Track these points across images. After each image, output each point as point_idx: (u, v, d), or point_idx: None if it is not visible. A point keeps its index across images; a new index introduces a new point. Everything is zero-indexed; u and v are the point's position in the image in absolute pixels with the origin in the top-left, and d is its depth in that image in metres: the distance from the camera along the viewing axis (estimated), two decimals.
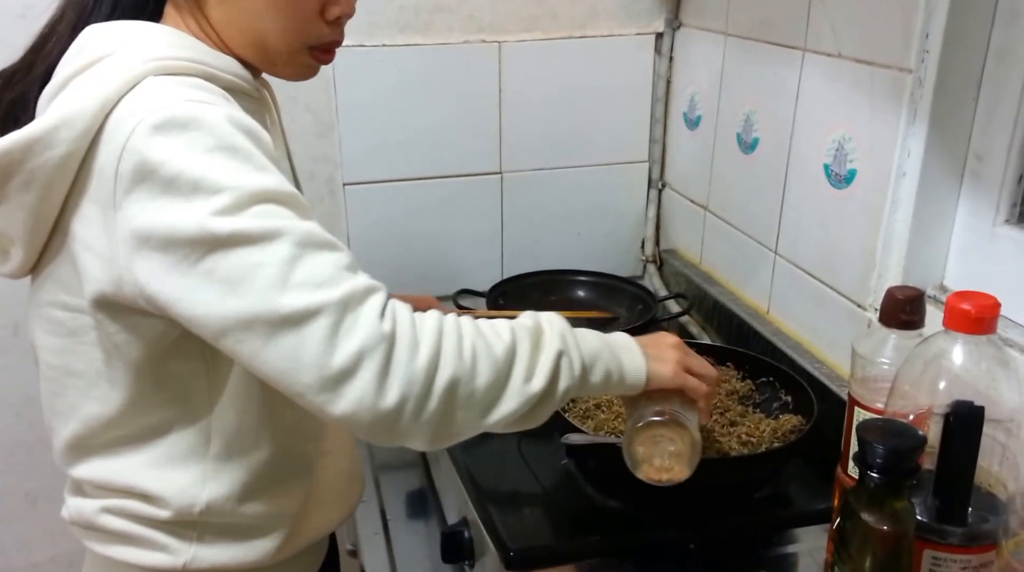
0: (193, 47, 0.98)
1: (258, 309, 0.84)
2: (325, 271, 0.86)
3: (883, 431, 0.90)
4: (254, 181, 0.87)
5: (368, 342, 0.85)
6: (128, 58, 0.92)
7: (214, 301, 0.86)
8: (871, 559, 0.90)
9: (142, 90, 0.90)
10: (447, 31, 1.84)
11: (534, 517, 1.27)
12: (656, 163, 2.07)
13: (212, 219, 0.84)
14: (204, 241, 0.85)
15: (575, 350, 0.99)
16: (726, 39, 1.76)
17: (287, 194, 0.89)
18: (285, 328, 0.84)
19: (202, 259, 0.85)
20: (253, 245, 0.85)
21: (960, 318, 0.93)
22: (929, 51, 1.22)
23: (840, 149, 1.41)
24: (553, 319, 1.01)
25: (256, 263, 0.85)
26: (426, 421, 0.89)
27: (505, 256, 2.02)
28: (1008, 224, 1.24)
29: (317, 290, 0.85)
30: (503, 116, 1.92)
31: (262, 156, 0.90)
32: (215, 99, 0.92)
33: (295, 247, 0.86)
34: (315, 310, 0.84)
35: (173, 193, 0.85)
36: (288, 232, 0.86)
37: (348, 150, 1.85)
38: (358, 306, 0.86)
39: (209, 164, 0.86)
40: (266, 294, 0.84)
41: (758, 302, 1.73)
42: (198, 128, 0.86)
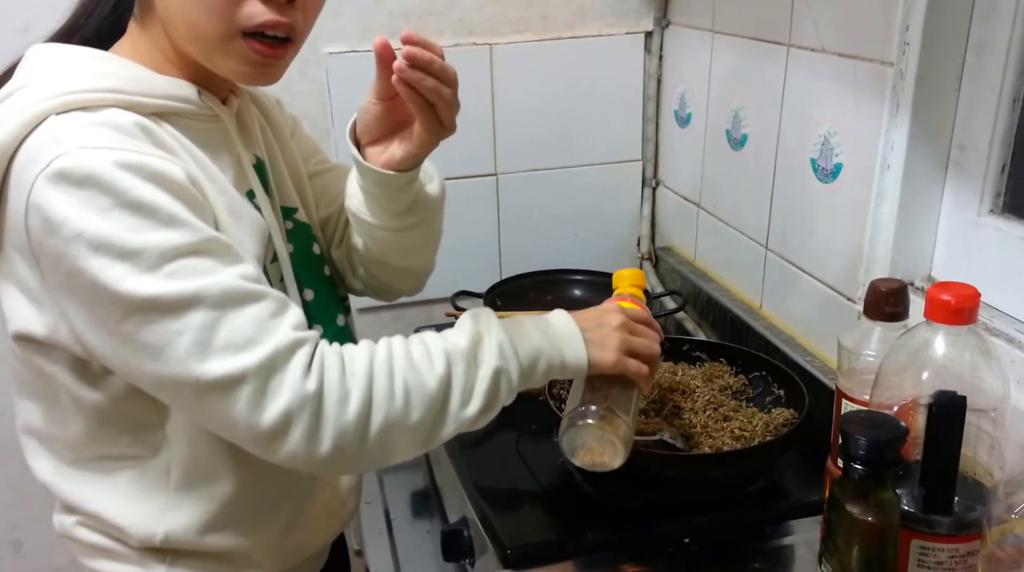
0: (117, 74, 0.93)
1: (182, 377, 0.85)
2: (246, 330, 0.86)
3: (865, 423, 0.90)
4: (161, 238, 0.84)
5: (293, 403, 0.86)
6: (33, 94, 0.89)
7: (141, 363, 0.86)
8: (857, 550, 0.91)
9: (42, 132, 0.87)
10: (437, 34, 1.84)
11: (532, 515, 1.28)
12: (649, 161, 2.07)
13: (124, 283, 0.83)
14: (121, 304, 0.84)
15: (513, 360, 0.99)
16: (713, 36, 1.76)
17: (200, 243, 0.87)
18: (211, 393, 0.86)
19: (122, 321, 0.85)
20: (169, 313, 0.84)
21: (941, 309, 0.94)
22: (910, 44, 1.23)
23: (826, 143, 1.42)
24: (491, 327, 1.01)
25: (174, 331, 0.84)
26: (366, 456, 0.93)
27: (503, 257, 2.02)
28: (992, 214, 1.24)
29: (238, 354, 0.85)
30: (496, 118, 1.93)
31: (170, 203, 0.86)
32: (119, 139, 0.87)
33: (212, 311, 0.85)
34: (238, 377, 0.85)
35: (83, 252, 0.83)
36: (204, 295, 0.85)
37: (344, 156, 1.82)
38: (283, 366, 0.87)
39: (109, 226, 0.83)
40: (187, 363, 0.85)
41: (751, 297, 1.73)
42: (94, 185, 0.83)
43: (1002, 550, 0.86)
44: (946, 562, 0.93)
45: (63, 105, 0.88)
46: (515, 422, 1.46)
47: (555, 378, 1.08)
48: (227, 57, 0.97)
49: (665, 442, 1.28)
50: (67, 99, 0.88)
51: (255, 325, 0.87)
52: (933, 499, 0.92)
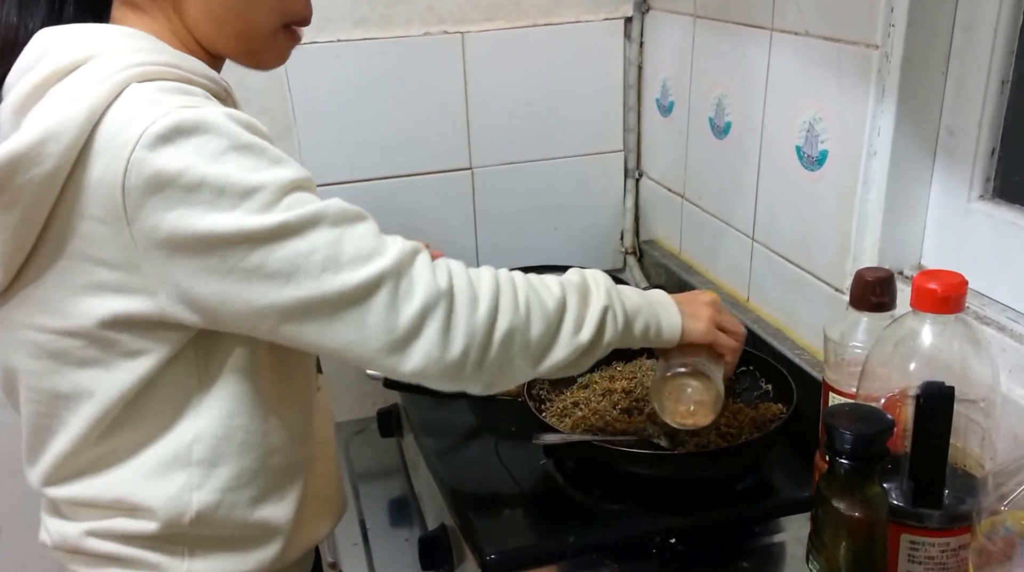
0: (163, 50, 0.95)
1: (318, 293, 0.88)
2: (367, 242, 0.91)
3: (850, 416, 0.90)
4: (276, 175, 0.88)
5: (429, 300, 0.91)
6: (107, 65, 0.89)
7: (270, 293, 0.89)
8: (845, 546, 0.90)
9: (130, 99, 0.87)
10: (406, 23, 1.80)
11: (513, 519, 1.27)
12: (632, 152, 2.04)
13: (249, 219, 0.86)
14: (245, 240, 0.87)
15: (619, 305, 1.06)
16: (695, 21, 1.74)
17: (307, 179, 0.92)
18: (348, 305, 0.89)
19: (246, 257, 0.87)
20: (297, 235, 0.88)
21: (927, 298, 0.93)
22: (895, 25, 1.21)
23: (811, 130, 1.39)
24: (598, 276, 1.09)
25: (305, 251, 0.88)
26: (486, 368, 0.96)
27: (480, 254, 1.99)
28: (983, 199, 1.23)
29: (369, 262, 0.89)
30: (470, 110, 1.89)
31: (273, 148, 0.91)
32: (204, 102, 0.91)
33: (334, 227, 0.89)
34: (374, 282, 0.89)
35: (198, 201, 0.86)
36: (324, 215, 0.89)
37: (308, 152, 1.82)
38: (410, 267, 0.92)
39: (227, 167, 0.86)
40: (323, 277, 0.88)
41: (737, 290, 1.71)
42: (205, 132, 0.86)
43: (992, 543, 0.85)
44: (937, 556, 0.93)
45: (140, 75, 0.89)
46: (494, 425, 1.44)
47: (651, 343, 1.14)
48: (270, 50, 1.06)
49: (650, 441, 1.25)
50: (142, 70, 0.90)
51: (374, 237, 0.92)
52: (923, 492, 0.92)
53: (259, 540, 1.08)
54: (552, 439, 1.25)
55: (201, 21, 1.00)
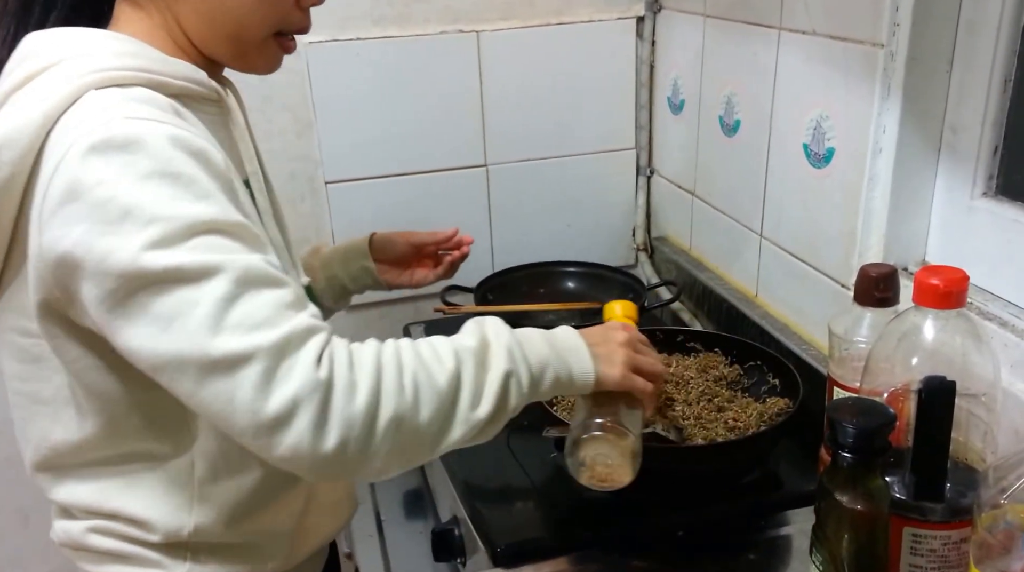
0: (141, 54, 0.93)
1: (189, 351, 0.81)
2: (263, 311, 0.83)
3: (853, 410, 0.90)
4: (193, 211, 0.82)
5: (302, 390, 0.82)
6: (68, 70, 0.88)
7: (147, 338, 0.82)
8: (847, 539, 0.90)
9: (83, 105, 0.86)
10: (423, 22, 1.82)
11: (523, 512, 1.27)
12: (643, 150, 2.05)
13: (144, 253, 0.80)
14: (136, 276, 0.81)
15: (523, 365, 0.97)
16: (705, 20, 1.75)
17: (231, 223, 0.85)
18: (217, 372, 0.81)
19: (134, 294, 0.82)
20: (188, 283, 0.81)
21: (930, 293, 0.94)
22: (900, 24, 1.21)
23: (818, 128, 1.40)
24: (500, 332, 0.98)
25: (190, 301, 0.81)
26: (372, 457, 0.86)
27: (495, 250, 2.00)
28: (986, 197, 1.23)
29: (252, 333, 0.81)
30: (485, 107, 1.91)
31: (208, 181, 0.85)
32: (161, 115, 0.87)
33: (233, 285, 0.82)
34: (248, 355, 0.81)
35: (102, 219, 0.81)
36: (226, 268, 0.82)
37: (328, 148, 1.84)
38: (295, 351, 0.83)
39: (144, 191, 0.81)
40: (198, 335, 0.81)
41: (746, 286, 1.72)
42: (137, 150, 0.82)
43: (993, 536, 0.85)
44: (939, 549, 0.93)
45: (101, 81, 0.87)
46: None
47: (561, 393, 1.04)
48: (260, 56, 1.03)
49: (658, 435, 1.26)
50: (104, 75, 0.88)
51: (274, 308, 0.84)
52: (924, 486, 0.92)
53: (262, 546, 1.08)
54: (560, 433, 1.26)
55: (194, 20, 0.98)
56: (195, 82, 0.97)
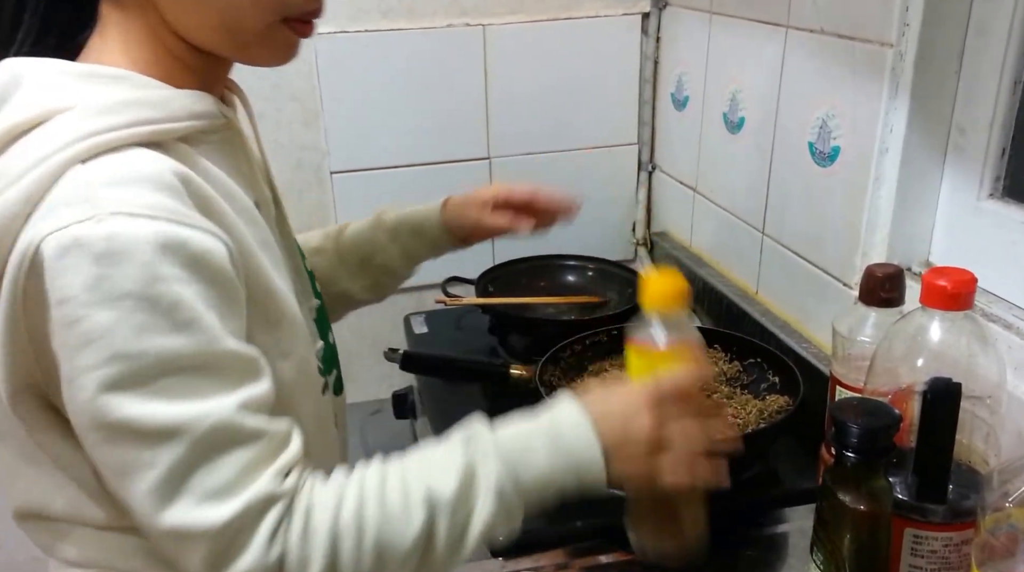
0: (134, 102, 0.80)
1: (138, 511, 0.76)
2: (222, 477, 0.76)
3: (858, 410, 0.90)
4: (165, 346, 0.73)
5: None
6: (49, 139, 0.76)
7: (106, 473, 0.78)
8: (849, 539, 0.91)
9: (64, 187, 0.74)
10: (431, 15, 1.82)
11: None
12: (646, 145, 2.05)
13: (102, 395, 0.73)
14: (92, 417, 0.74)
15: (515, 498, 0.86)
16: (711, 17, 1.74)
17: (210, 356, 0.76)
18: (167, 540, 0.77)
19: (91, 430, 0.75)
20: (142, 441, 0.74)
21: (937, 294, 0.94)
22: (909, 24, 1.21)
23: (824, 126, 1.40)
24: (488, 459, 0.86)
25: (143, 462, 0.74)
26: None
27: (495, 242, 1.99)
28: (992, 198, 1.23)
29: (204, 505, 0.75)
30: (489, 100, 1.91)
31: (194, 302, 0.75)
32: (158, 200, 0.75)
33: (191, 451, 0.74)
34: (196, 535, 0.75)
35: (67, 340, 0.73)
36: (188, 430, 0.74)
37: (334, 138, 1.85)
38: (248, 531, 0.77)
39: (114, 317, 0.72)
40: (147, 502, 0.75)
41: (747, 283, 1.72)
42: (116, 263, 0.72)
43: (996, 539, 0.85)
44: (940, 551, 0.93)
45: (89, 150, 0.75)
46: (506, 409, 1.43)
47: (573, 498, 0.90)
48: (264, 46, 0.89)
49: None
50: (90, 143, 0.75)
51: (236, 472, 0.76)
52: (927, 487, 0.92)
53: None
54: None
55: (178, 13, 0.85)
56: (199, 117, 0.86)
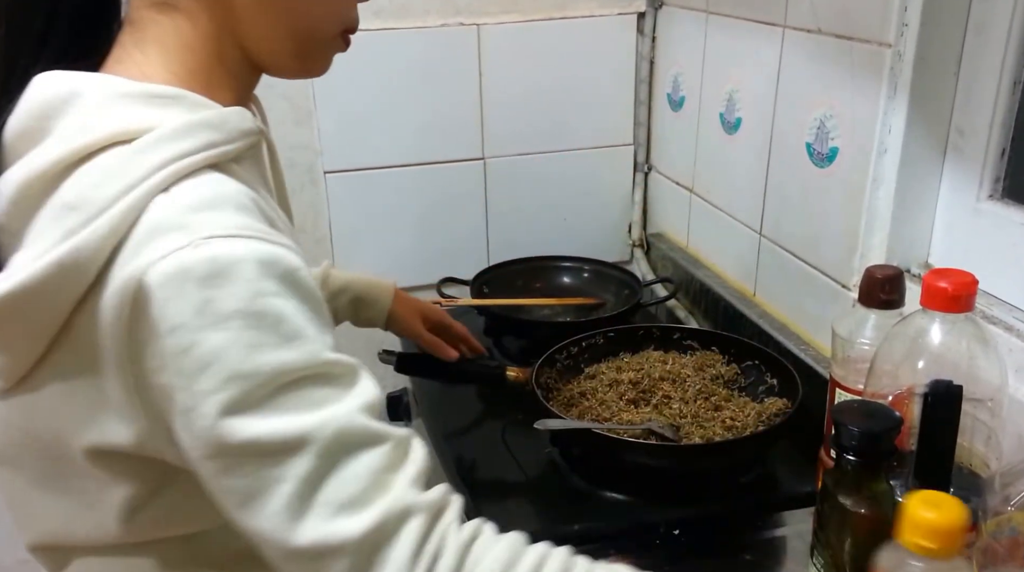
0: (199, 125, 0.80)
1: (270, 534, 0.73)
2: (357, 484, 0.74)
3: (858, 413, 0.90)
4: (278, 360, 0.73)
5: None
6: (128, 169, 0.74)
7: (231, 507, 0.75)
8: (850, 543, 0.90)
9: (152, 219, 0.74)
10: (423, 14, 1.81)
11: (518, 506, 1.27)
12: (641, 146, 2.04)
13: (223, 420, 0.72)
14: (214, 444, 0.73)
15: None
16: (707, 17, 1.74)
17: (322, 364, 0.76)
18: (299, 562, 0.74)
19: (213, 458, 0.74)
20: (269, 458, 0.73)
21: (937, 296, 0.93)
22: (908, 24, 1.20)
23: (822, 127, 1.39)
24: None
25: (272, 478, 0.73)
26: None
27: (490, 243, 1.99)
28: (992, 199, 1.22)
29: (340, 517, 0.73)
30: (484, 101, 1.90)
31: (296, 313, 0.75)
32: (244, 221, 0.76)
33: (320, 459, 0.73)
34: (335, 549, 0.73)
35: (180, 370, 0.72)
36: (314, 439, 0.73)
37: (327, 138, 1.83)
38: (389, 540, 0.74)
39: (224, 338, 0.72)
40: (280, 520, 0.73)
41: (744, 284, 1.71)
42: (220, 285, 0.72)
43: (998, 542, 0.85)
44: None
45: (167, 179, 0.75)
46: (501, 412, 1.44)
47: None
48: (323, 55, 0.94)
49: (655, 432, 1.25)
50: (169, 171, 0.75)
51: (368, 478, 0.75)
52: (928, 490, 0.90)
53: None
54: (554, 424, 1.24)
55: (259, 19, 0.87)
56: (247, 134, 0.86)
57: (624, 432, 1.25)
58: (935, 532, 0.76)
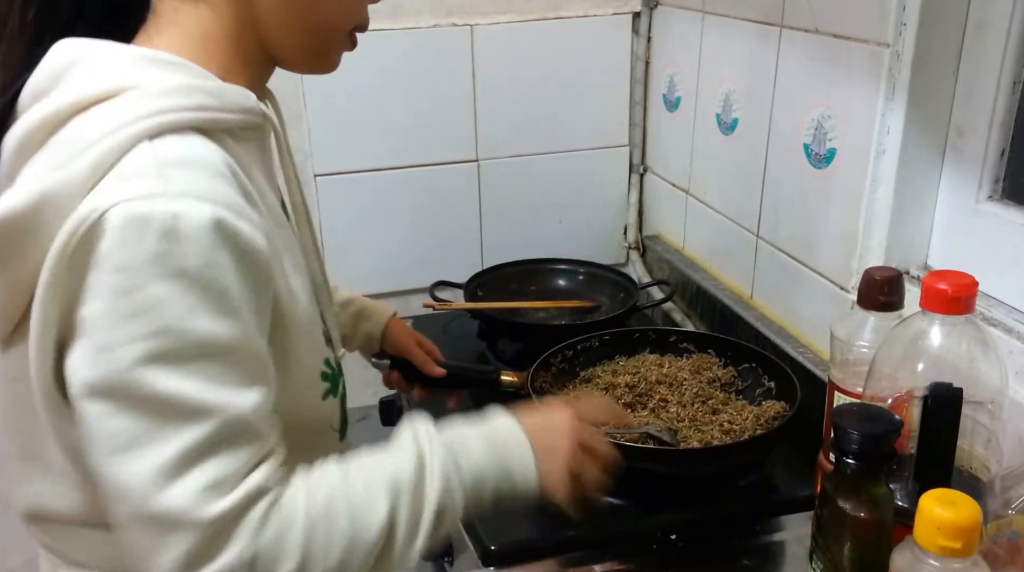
0: (195, 87, 0.84)
1: (132, 490, 0.76)
2: (226, 470, 0.77)
3: (858, 416, 0.89)
4: (209, 330, 0.76)
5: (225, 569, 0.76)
6: (119, 113, 0.79)
7: (102, 447, 0.77)
8: (849, 547, 0.90)
9: (131, 162, 0.77)
10: (416, 15, 1.80)
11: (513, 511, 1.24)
12: (637, 147, 2.03)
13: (141, 367, 0.74)
14: (124, 385, 0.75)
15: (459, 491, 0.90)
16: (704, 17, 1.73)
17: (243, 351, 0.79)
18: (148, 525, 0.76)
19: (110, 398, 0.75)
20: (171, 416, 0.75)
21: (937, 298, 0.92)
22: (906, 24, 1.20)
23: (819, 127, 1.39)
24: (435, 451, 0.90)
25: (162, 437, 0.75)
26: None
27: (484, 246, 1.98)
28: (991, 200, 1.22)
29: (201, 497, 0.75)
30: (478, 102, 1.88)
31: (239, 294, 0.78)
32: (215, 186, 0.79)
33: (212, 436, 0.76)
34: (184, 523, 0.75)
35: (115, 308, 0.74)
36: (215, 413, 0.76)
37: (318, 140, 1.82)
38: (233, 526, 0.77)
39: (167, 292, 0.74)
40: (148, 479, 0.75)
41: (741, 287, 1.70)
42: (176, 242, 0.74)
43: (999, 546, 0.86)
44: None
45: (155, 128, 0.79)
46: None
47: (504, 504, 0.96)
48: (335, 51, 0.99)
49: (652, 436, 1.25)
50: (159, 121, 0.79)
51: (238, 466, 0.78)
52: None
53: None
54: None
55: (281, 13, 0.91)
56: (247, 112, 0.89)
57: (621, 436, 1.24)
58: (955, 530, 0.76)
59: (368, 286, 1.85)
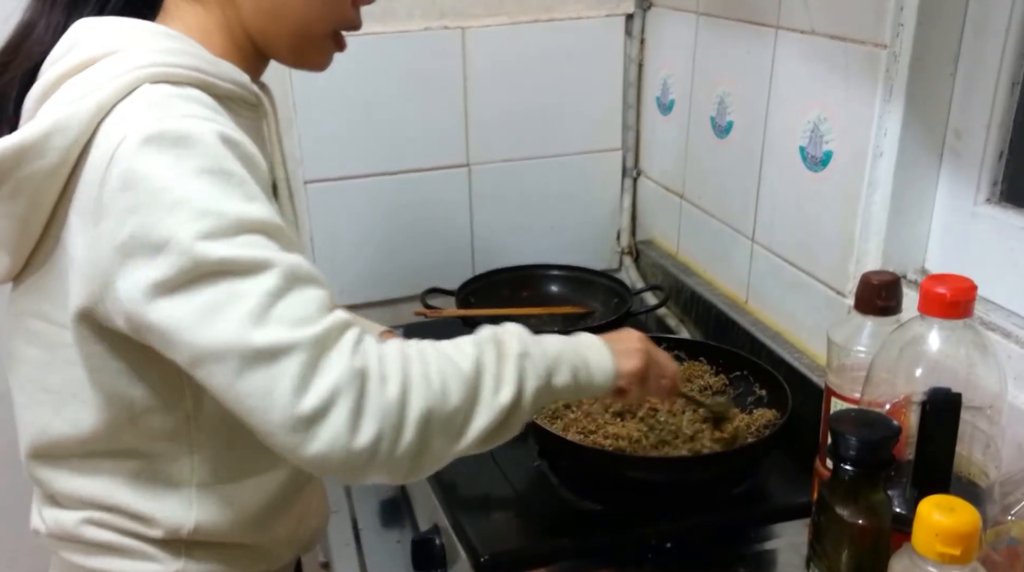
0: (192, 53, 0.94)
1: (232, 340, 0.82)
2: (306, 308, 0.85)
3: (856, 422, 0.89)
4: (242, 209, 0.84)
5: (341, 380, 0.83)
6: (124, 62, 0.89)
7: (190, 327, 0.83)
8: (847, 554, 0.89)
9: (137, 98, 0.87)
10: (407, 17, 1.78)
11: (506, 520, 1.26)
12: (630, 151, 2.02)
13: (199, 242, 0.82)
14: (190, 263, 0.82)
15: (537, 351, 0.98)
16: (698, 18, 1.72)
17: (275, 226, 0.87)
18: (258, 362, 0.82)
19: (185, 282, 0.82)
20: (238, 275, 0.83)
21: (935, 302, 0.92)
22: (904, 25, 1.19)
23: (815, 130, 1.38)
24: (510, 326, 1.00)
25: (239, 293, 0.82)
26: (402, 454, 0.86)
27: (476, 252, 1.96)
28: (989, 203, 1.21)
29: (295, 327, 0.83)
30: (468, 105, 1.87)
31: (254, 184, 0.87)
32: (213, 115, 0.89)
33: (281, 280, 0.84)
34: (290, 346, 0.82)
35: (157, 207, 0.82)
36: (276, 264, 0.84)
37: (308, 146, 1.79)
38: (334, 343, 0.85)
39: (196, 185, 0.83)
40: (243, 325, 0.81)
41: (736, 292, 1.69)
42: (190, 146, 0.84)
43: (997, 553, 0.86)
44: None
45: (155, 76, 0.88)
46: None
47: (582, 393, 1.05)
48: (317, 53, 1.05)
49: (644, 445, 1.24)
50: (158, 70, 0.89)
51: (315, 304, 0.85)
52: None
53: (258, 548, 1.09)
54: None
55: (258, 17, 1.00)
56: (240, 85, 0.98)
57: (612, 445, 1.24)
58: (953, 537, 0.76)
59: (359, 294, 1.84)
